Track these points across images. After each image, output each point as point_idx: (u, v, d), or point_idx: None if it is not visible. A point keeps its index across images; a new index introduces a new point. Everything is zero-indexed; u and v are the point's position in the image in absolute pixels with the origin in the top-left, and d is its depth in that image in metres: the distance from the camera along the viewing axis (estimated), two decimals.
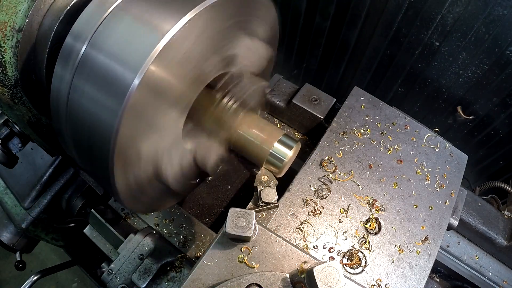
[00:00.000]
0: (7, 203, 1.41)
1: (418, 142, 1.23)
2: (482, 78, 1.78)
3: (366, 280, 0.99)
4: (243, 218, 0.76)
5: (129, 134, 0.74)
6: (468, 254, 1.37)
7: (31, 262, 2.67)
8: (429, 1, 1.64)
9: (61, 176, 1.41)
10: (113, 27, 0.74)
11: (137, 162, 0.82)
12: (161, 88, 0.75)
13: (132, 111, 0.71)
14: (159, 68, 0.71)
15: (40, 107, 1.02)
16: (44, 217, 1.43)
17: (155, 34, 0.70)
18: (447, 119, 2.08)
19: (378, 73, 2.10)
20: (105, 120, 0.72)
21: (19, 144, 1.16)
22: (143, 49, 0.69)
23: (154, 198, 0.99)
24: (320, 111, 1.34)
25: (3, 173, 1.43)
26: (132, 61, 0.69)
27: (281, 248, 0.80)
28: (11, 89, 0.94)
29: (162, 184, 0.94)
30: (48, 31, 0.91)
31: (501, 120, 1.89)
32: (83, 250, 1.72)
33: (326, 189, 1.10)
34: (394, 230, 1.07)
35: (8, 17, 0.88)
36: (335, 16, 1.97)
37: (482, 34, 1.62)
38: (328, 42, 2.13)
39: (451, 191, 1.15)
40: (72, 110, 0.77)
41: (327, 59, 2.24)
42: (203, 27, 0.77)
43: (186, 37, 0.73)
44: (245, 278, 0.74)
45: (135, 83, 0.68)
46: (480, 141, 2.08)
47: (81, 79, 0.75)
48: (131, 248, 1.06)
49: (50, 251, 2.75)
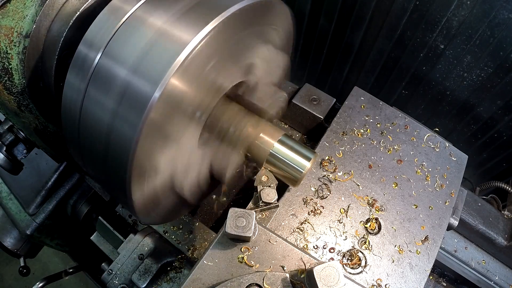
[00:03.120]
0: (11, 209, 1.39)
1: (418, 142, 1.23)
2: (486, 81, 1.79)
3: (366, 280, 0.99)
4: (243, 218, 0.76)
5: (147, 147, 0.73)
6: (475, 259, 1.37)
7: (33, 265, 2.64)
8: (435, 4, 1.64)
9: (66, 182, 1.39)
10: (129, 36, 0.72)
11: (153, 174, 0.81)
12: (181, 100, 0.74)
13: (152, 124, 0.70)
14: (179, 81, 0.69)
15: (48, 115, 1.00)
16: (49, 223, 1.42)
17: (175, 45, 0.68)
18: (451, 121, 2.08)
19: (382, 75, 2.10)
20: (124, 132, 0.70)
21: (24, 151, 1.14)
22: (163, 60, 0.67)
23: (168, 210, 0.98)
24: (320, 111, 1.34)
25: (7, 179, 1.41)
26: (152, 73, 0.68)
27: (281, 248, 0.81)
28: (17, 96, 0.92)
29: (177, 195, 0.93)
30: (56, 37, 0.89)
31: (505, 123, 1.90)
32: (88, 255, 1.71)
33: (326, 189, 1.10)
34: (394, 230, 1.07)
35: (15, 23, 0.86)
36: (340, 18, 1.97)
37: (487, 38, 1.63)
38: (332, 44, 2.13)
39: (451, 191, 1.16)
40: (86, 120, 0.76)
41: (331, 61, 2.23)
42: (224, 37, 0.75)
43: (207, 48, 0.71)
44: (245, 278, 0.74)
45: (155, 96, 0.66)
46: (483, 144, 2.08)
47: (96, 88, 0.73)
48: (131, 248, 1.06)
49: (52, 254, 2.73)
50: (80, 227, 1.41)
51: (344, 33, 2.02)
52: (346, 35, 2.02)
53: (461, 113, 2.01)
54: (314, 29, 2.11)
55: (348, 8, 1.89)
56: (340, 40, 2.07)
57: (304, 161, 0.91)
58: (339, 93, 2.40)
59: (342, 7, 1.91)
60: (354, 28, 1.96)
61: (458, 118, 2.05)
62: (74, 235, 1.49)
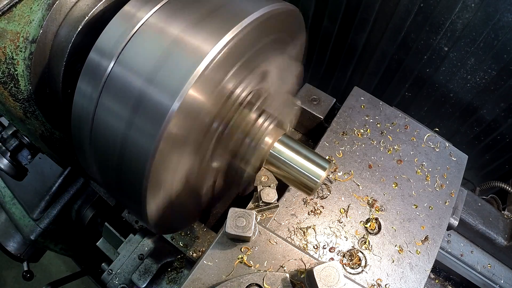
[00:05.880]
0: (14, 213, 1.37)
1: (418, 142, 1.23)
2: (490, 83, 1.79)
3: (366, 280, 0.99)
4: (243, 218, 0.76)
5: (164, 158, 0.71)
6: (481, 263, 1.38)
7: (35, 268, 2.62)
8: (439, 7, 1.64)
9: (70, 186, 1.38)
10: (144, 45, 0.71)
11: (169, 186, 0.80)
12: (199, 112, 0.73)
13: (170, 135, 0.68)
14: (198, 92, 0.68)
15: (54, 121, 0.99)
16: (54, 228, 1.40)
17: (194, 55, 0.66)
18: (454, 123, 2.09)
19: (385, 77, 2.10)
20: (140, 143, 0.69)
21: (29, 156, 1.12)
22: (181, 70, 0.66)
23: (180, 219, 0.97)
24: (320, 111, 1.33)
25: (10, 183, 1.39)
26: (170, 83, 0.66)
27: (281, 248, 0.81)
28: (23, 103, 0.91)
29: (190, 206, 0.92)
30: (64, 43, 0.88)
31: (508, 126, 1.91)
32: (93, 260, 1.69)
33: (326, 189, 1.10)
34: (394, 230, 1.07)
35: (21, 27, 0.84)
36: (344, 20, 1.96)
37: (491, 40, 1.63)
38: (335, 46, 2.12)
39: (451, 191, 1.16)
40: (99, 129, 0.75)
41: (334, 62, 2.23)
42: (243, 45, 0.73)
43: (226, 58, 0.70)
44: (245, 278, 0.74)
45: (174, 107, 0.65)
46: (486, 146, 2.09)
47: (109, 98, 0.72)
48: (131, 248, 1.05)
49: (54, 257, 2.71)
50: (84, 232, 1.39)
51: (347, 35, 2.01)
52: (350, 36, 2.01)
53: (464, 115, 2.02)
54: (317, 30, 2.10)
55: (352, 9, 1.88)
56: (343, 42, 2.06)
57: (319, 170, 0.90)
58: (342, 94, 2.39)
59: (346, 9, 1.90)
60: (358, 29, 1.95)
61: (461, 120, 2.06)
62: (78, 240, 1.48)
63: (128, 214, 1.21)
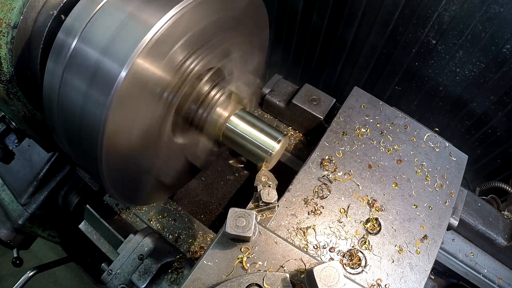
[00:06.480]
0: (4, 199, 1.42)
1: (418, 142, 1.23)
2: (479, 76, 1.78)
3: (366, 280, 0.99)
4: (243, 218, 0.76)
5: (117, 126, 0.74)
6: (463, 251, 1.36)
7: (30, 260, 2.68)
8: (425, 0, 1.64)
9: (57, 173, 1.42)
10: (103, 21, 0.75)
11: (126, 155, 0.82)
12: (147, 80, 0.76)
13: (120, 103, 0.71)
14: (146, 61, 0.71)
15: (35, 102, 1.03)
16: (41, 213, 1.44)
17: (142, 27, 0.70)
18: (445, 117, 2.07)
19: (375, 71, 2.11)
20: (94, 112, 0.72)
21: (16, 140, 1.17)
22: (130, 42, 0.70)
23: (145, 192, 1.00)
24: (320, 111, 1.34)
25: (0, 171, 1.44)
26: (120, 53, 0.70)
27: (281, 248, 0.81)
28: (6, 84, 0.95)
29: (153, 178, 0.94)
30: (42, 28, 0.92)
31: (499, 119, 1.89)
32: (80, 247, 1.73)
33: (326, 189, 1.10)
34: (394, 230, 1.06)
35: (4, 14, 0.90)
36: (332, 15, 1.98)
37: (479, 32, 1.62)
38: (325, 41, 2.14)
39: (451, 191, 1.15)
40: (63, 105, 0.78)
41: (324, 58, 2.24)
42: (192, 19, 0.77)
43: (173, 30, 0.74)
44: (245, 278, 0.74)
45: (122, 75, 0.68)
46: (477, 140, 2.07)
47: (71, 73, 0.76)
48: (131, 249, 1.06)
49: (48, 249, 2.77)
50: (70, 217, 1.43)
51: (336, 30, 2.03)
52: (339, 31, 2.03)
53: (454, 108, 2.00)
54: (307, 26, 2.12)
55: (340, 4, 1.90)
56: (333, 37, 2.08)
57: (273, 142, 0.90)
58: (333, 89, 2.40)
59: (334, 4, 1.92)
60: (347, 24, 1.97)
61: (452, 114, 2.04)
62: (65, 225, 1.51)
63: (109, 198, 1.24)
